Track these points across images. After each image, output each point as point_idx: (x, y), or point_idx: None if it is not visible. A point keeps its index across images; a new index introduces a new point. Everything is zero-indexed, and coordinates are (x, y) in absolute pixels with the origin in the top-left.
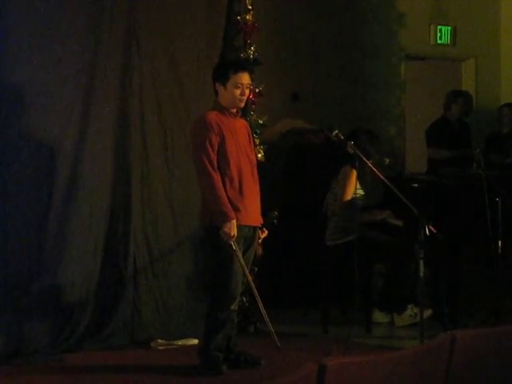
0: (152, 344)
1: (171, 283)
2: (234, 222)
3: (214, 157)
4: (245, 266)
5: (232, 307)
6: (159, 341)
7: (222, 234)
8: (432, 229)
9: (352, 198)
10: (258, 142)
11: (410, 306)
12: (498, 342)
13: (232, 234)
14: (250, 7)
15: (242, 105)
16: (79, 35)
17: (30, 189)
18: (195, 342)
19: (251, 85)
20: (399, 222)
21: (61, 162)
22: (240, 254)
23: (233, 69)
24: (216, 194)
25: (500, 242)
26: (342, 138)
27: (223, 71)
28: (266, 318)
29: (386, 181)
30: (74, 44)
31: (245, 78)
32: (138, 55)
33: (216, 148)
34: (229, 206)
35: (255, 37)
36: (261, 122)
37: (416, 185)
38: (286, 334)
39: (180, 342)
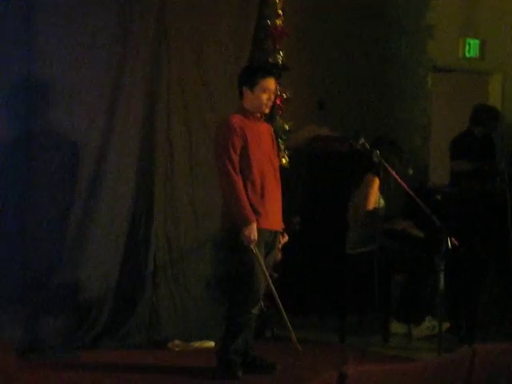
0: (169, 345)
1: (190, 284)
2: (255, 225)
3: (236, 160)
4: (265, 271)
5: (253, 311)
6: (176, 342)
7: (242, 237)
8: (454, 241)
9: (374, 208)
10: (282, 147)
11: (427, 318)
12: None
13: (252, 237)
14: (280, 12)
15: (268, 110)
16: (107, 35)
17: (52, 186)
18: (212, 344)
19: (278, 90)
20: (420, 233)
21: (85, 160)
22: (261, 258)
23: (261, 73)
24: (237, 197)
25: None
26: (368, 147)
27: (251, 75)
28: (287, 322)
29: (409, 191)
30: (102, 43)
31: (272, 84)
32: (166, 55)
33: (239, 151)
34: (250, 209)
35: (284, 42)
36: (287, 127)
37: (439, 197)
38: (302, 341)
39: (197, 344)
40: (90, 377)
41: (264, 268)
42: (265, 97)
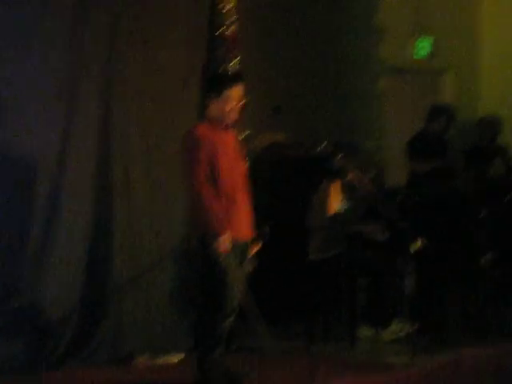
0: (134, 362)
1: (153, 298)
2: (227, 235)
3: (205, 169)
4: (240, 279)
5: (229, 319)
6: (140, 359)
7: (214, 248)
8: (421, 242)
9: (335, 213)
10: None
11: (395, 321)
12: (503, 361)
13: (225, 246)
14: (234, 18)
15: (234, 119)
16: (59, 42)
17: (8, 207)
18: (179, 356)
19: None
20: (383, 236)
21: (41, 179)
22: (235, 267)
23: (228, 83)
24: (208, 208)
25: (485, 256)
26: (329, 150)
27: (218, 84)
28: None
29: (373, 194)
30: (54, 51)
31: (239, 92)
32: (119, 64)
33: (207, 160)
34: (221, 218)
35: (237, 49)
36: (244, 135)
37: (400, 198)
38: (267, 350)
39: (164, 358)
40: None
41: (238, 277)
42: (230, 105)
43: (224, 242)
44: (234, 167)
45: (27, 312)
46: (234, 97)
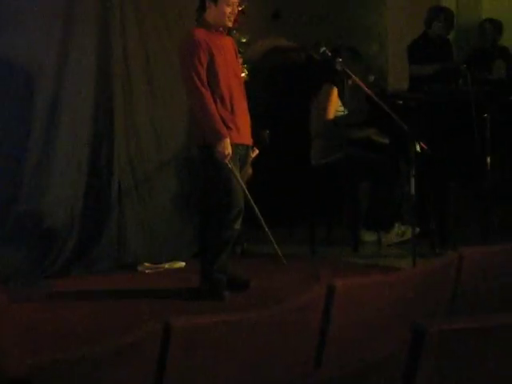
0: (139, 267)
1: (157, 205)
2: (228, 140)
3: (204, 74)
4: (243, 185)
5: (235, 226)
6: (146, 264)
7: (216, 153)
8: (423, 145)
9: (335, 117)
10: (241, 61)
11: (397, 224)
12: (506, 259)
13: (226, 152)
14: None
15: (231, 24)
16: None
17: (9, 114)
18: (182, 264)
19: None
20: (385, 140)
21: (41, 86)
22: (237, 173)
23: None
24: (208, 112)
25: (488, 159)
26: (330, 55)
27: None
28: (269, 235)
29: (375, 98)
30: None
31: None
32: None
33: (205, 65)
34: (221, 124)
35: None
36: (244, 40)
37: (401, 102)
38: (273, 255)
39: (167, 265)
40: (62, 304)
41: (241, 182)
42: (228, 10)
43: (225, 147)
44: (231, 72)
45: (29, 219)
46: (231, 1)
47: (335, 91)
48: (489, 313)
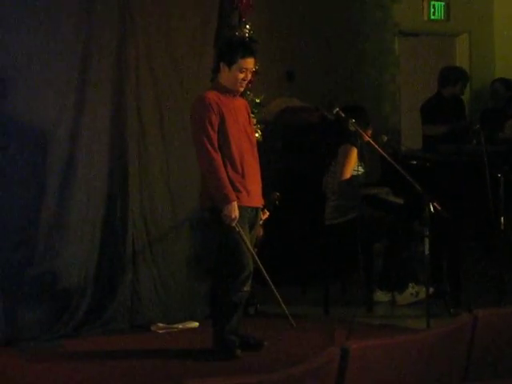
0: (152, 328)
1: (170, 265)
2: (235, 203)
3: (214, 137)
4: (251, 247)
5: (245, 288)
6: (159, 324)
7: (223, 216)
8: (437, 206)
9: (352, 176)
10: (254, 121)
11: (410, 285)
12: None
13: (233, 216)
14: None
15: (242, 89)
16: (71, 16)
17: (25, 174)
18: (196, 324)
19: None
20: (399, 200)
21: (56, 147)
22: (245, 236)
23: (241, 53)
24: (216, 176)
25: (502, 219)
26: (343, 115)
27: (231, 53)
28: (278, 297)
29: (388, 158)
30: (67, 25)
31: (251, 63)
32: (132, 32)
33: (216, 128)
34: (230, 187)
35: (250, 14)
36: (257, 100)
37: (414, 162)
38: (286, 315)
39: (180, 325)
40: (75, 365)
41: (249, 245)
42: (241, 76)
43: (232, 211)
44: (242, 134)
45: (46, 279)
46: (245, 68)
47: (355, 152)
48: (503, 374)
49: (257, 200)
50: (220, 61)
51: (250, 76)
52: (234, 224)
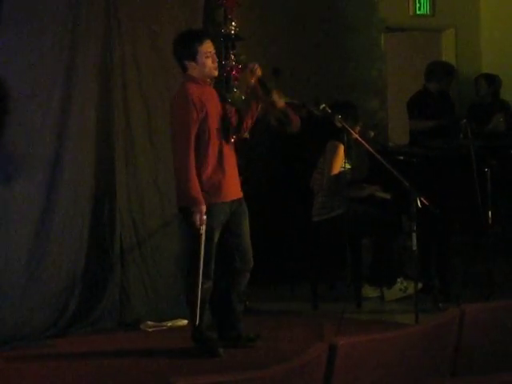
0: (141, 326)
1: (159, 264)
2: (204, 207)
3: (193, 136)
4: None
5: (205, 286)
6: (149, 323)
7: (190, 220)
8: (424, 201)
9: (339, 172)
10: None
11: (399, 280)
12: (508, 316)
13: (201, 219)
14: None
15: (216, 73)
16: (57, 17)
17: (10, 173)
18: (185, 322)
19: (233, 61)
20: (387, 195)
21: (42, 147)
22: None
23: (197, 40)
24: (188, 177)
25: (489, 213)
26: (330, 111)
27: (188, 46)
28: None
29: (375, 154)
30: (52, 26)
31: (211, 46)
32: (118, 32)
33: (197, 125)
34: (199, 190)
35: (235, 12)
36: (243, 97)
37: (402, 157)
38: (275, 312)
39: (170, 323)
40: (65, 364)
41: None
42: (209, 61)
43: (199, 214)
44: (221, 125)
45: (34, 280)
46: (209, 51)
47: (342, 148)
48: (491, 369)
49: (236, 192)
50: (183, 60)
51: (216, 57)
52: (200, 227)
